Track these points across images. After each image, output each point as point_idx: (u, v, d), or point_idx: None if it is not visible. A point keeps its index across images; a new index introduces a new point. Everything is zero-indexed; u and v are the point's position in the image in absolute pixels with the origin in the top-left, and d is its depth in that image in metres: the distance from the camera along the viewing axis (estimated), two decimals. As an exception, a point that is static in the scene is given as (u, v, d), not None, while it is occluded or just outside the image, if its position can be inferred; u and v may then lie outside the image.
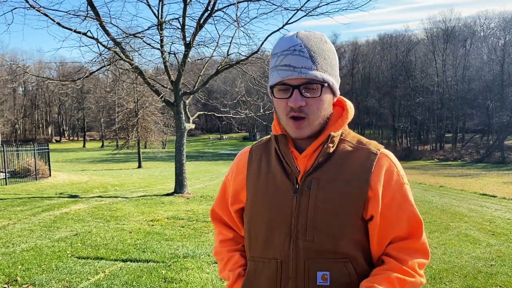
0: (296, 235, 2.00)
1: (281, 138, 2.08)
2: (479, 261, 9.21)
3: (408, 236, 2.01)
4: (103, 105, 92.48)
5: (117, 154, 65.44)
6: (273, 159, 2.16)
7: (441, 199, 23.69)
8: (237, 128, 36.88)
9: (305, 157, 2.05)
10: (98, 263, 8.41)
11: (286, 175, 2.08)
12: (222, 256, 2.36)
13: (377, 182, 1.97)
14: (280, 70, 1.93)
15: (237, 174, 2.29)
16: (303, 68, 1.90)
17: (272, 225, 2.07)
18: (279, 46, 1.99)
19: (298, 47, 1.93)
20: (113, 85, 42.67)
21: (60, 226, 12.51)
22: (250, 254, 2.19)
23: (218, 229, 2.45)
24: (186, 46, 20.29)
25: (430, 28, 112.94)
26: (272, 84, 1.99)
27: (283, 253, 2.02)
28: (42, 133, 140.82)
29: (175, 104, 20.83)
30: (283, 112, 1.99)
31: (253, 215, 2.16)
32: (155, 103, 49.88)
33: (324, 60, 1.97)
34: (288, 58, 1.92)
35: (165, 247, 9.90)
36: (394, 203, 1.99)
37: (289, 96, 1.93)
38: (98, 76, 50.44)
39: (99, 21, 18.60)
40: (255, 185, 2.17)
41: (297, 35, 1.98)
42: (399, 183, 2.02)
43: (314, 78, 1.90)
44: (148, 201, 18.37)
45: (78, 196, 20.05)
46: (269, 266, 2.07)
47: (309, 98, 1.93)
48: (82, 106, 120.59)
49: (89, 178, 31.78)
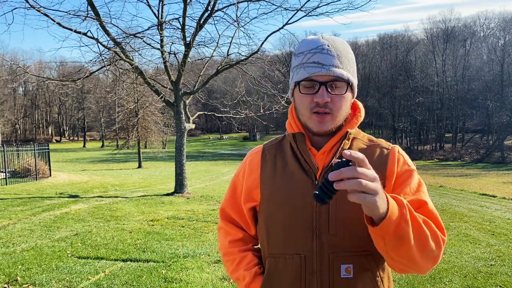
0: (319, 229, 2.03)
1: (299, 136, 2.14)
2: (479, 261, 9.21)
3: (417, 207, 1.97)
4: (103, 105, 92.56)
5: (117, 154, 65.33)
6: (289, 157, 2.19)
7: (441, 199, 23.69)
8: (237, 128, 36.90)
9: (323, 154, 2.10)
10: (98, 263, 8.42)
11: (304, 172, 2.11)
12: (234, 256, 2.36)
13: (391, 170, 2.07)
14: (308, 67, 1.99)
15: (251, 173, 2.30)
16: (331, 66, 1.97)
17: (293, 221, 2.08)
18: (305, 46, 2.06)
19: (326, 46, 2.00)
20: (113, 85, 42.54)
21: (60, 226, 12.51)
22: (269, 252, 2.19)
23: (227, 229, 2.45)
24: (186, 46, 20.31)
25: (430, 28, 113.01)
26: (299, 80, 2.03)
27: (306, 248, 2.05)
28: (42, 133, 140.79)
29: (175, 104, 20.83)
30: (307, 107, 2.04)
31: (271, 212, 2.16)
32: (155, 103, 49.84)
33: (348, 61, 2.05)
34: (316, 56, 1.99)
35: (165, 247, 9.91)
36: (399, 181, 2.06)
37: (315, 92, 1.99)
38: (98, 76, 50.68)
39: (99, 21, 18.60)
40: (271, 183, 2.18)
41: (323, 37, 2.07)
42: (407, 168, 2.11)
43: (340, 76, 1.97)
44: (148, 201, 18.38)
45: (78, 196, 20.05)
46: (291, 261, 2.08)
47: (334, 95, 2.00)
48: (82, 106, 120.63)
49: (90, 178, 31.76)
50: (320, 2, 19.69)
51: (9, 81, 72.32)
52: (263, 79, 22.85)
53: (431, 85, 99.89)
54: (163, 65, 21.41)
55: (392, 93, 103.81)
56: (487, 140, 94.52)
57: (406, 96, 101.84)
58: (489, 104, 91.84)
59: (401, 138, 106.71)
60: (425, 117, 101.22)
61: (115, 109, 62.31)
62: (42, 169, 27.46)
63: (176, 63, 21.96)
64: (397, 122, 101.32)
